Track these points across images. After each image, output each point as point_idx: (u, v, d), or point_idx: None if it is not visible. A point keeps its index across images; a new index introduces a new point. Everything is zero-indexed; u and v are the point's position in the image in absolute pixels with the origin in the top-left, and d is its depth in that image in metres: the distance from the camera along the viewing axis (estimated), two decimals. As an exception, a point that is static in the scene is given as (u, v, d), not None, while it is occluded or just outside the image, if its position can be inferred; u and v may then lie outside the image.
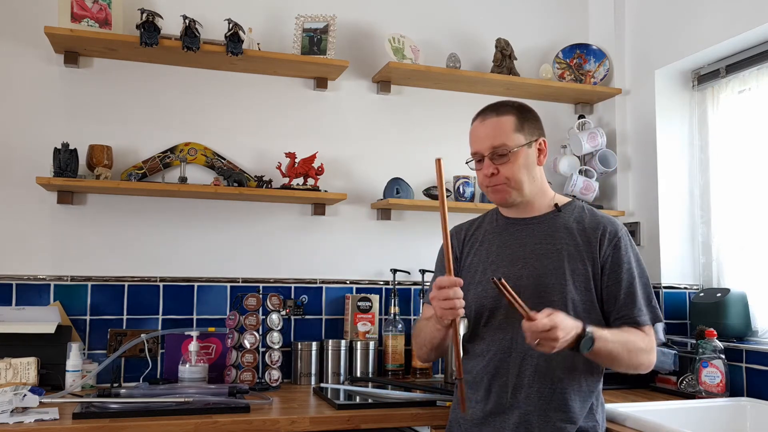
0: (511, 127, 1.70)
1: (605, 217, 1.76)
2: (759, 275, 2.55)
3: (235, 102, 2.72)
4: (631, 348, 1.63)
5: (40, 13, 2.49)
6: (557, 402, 1.64)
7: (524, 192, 1.72)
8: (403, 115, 2.93)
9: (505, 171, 1.70)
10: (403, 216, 2.89)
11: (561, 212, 1.76)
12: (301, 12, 2.72)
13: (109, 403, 1.95)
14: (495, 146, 1.69)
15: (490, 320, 1.72)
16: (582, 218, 1.75)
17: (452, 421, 1.80)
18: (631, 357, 1.63)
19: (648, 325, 1.68)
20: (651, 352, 1.68)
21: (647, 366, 1.69)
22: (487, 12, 3.09)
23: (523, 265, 1.70)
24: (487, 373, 1.70)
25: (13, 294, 2.42)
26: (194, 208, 2.64)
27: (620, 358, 1.62)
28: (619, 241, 1.70)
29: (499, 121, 1.71)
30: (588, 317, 1.65)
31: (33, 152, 2.46)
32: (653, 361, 1.69)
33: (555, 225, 1.73)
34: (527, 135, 1.72)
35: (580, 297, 1.67)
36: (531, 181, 1.73)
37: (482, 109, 1.78)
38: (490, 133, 1.71)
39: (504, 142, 1.69)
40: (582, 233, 1.71)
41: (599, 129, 3.01)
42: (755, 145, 2.60)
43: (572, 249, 1.69)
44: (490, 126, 1.72)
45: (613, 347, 1.59)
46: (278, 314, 2.51)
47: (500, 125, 1.71)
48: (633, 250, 1.73)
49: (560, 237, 1.71)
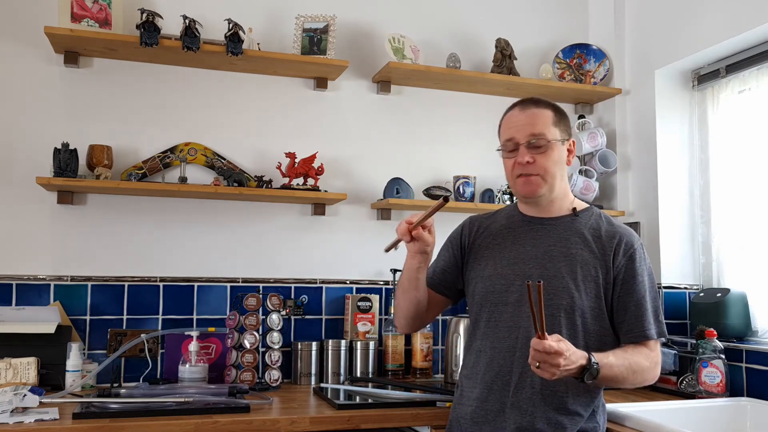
0: (550, 119, 1.71)
1: (622, 227, 1.75)
2: (759, 275, 2.55)
3: (235, 102, 2.72)
4: (636, 369, 1.62)
5: (40, 13, 2.49)
6: (559, 403, 1.63)
7: (554, 188, 1.72)
8: (403, 115, 2.93)
9: (541, 161, 1.68)
10: (403, 216, 2.88)
11: (578, 217, 1.75)
12: (301, 12, 2.72)
13: (109, 403, 1.95)
14: (534, 134, 1.68)
15: (494, 316, 1.71)
16: (599, 226, 1.73)
17: (452, 421, 1.79)
18: (635, 378, 1.64)
19: (654, 340, 1.68)
20: (656, 367, 1.68)
21: (651, 381, 1.69)
22: (487, 12, 3.09)
23: (534, 265, 1.69)
24: (489, 371, 1.68)
25: (13, 294, 2.42)
26: (194, 208, 2.64)
27: (625, 380, 1.63)
28: (635, 252, 1.69)
29: (540, 112, 1.71)
30: (592, 324, 1.65)
31: (33, 152, 2.46)
32: (657, 375, 1.69)
33: (571, 229, 1.72)
34: (562, 132, 1.73)
35: (590, 304, 1.66)
36: (561, 178, 1.73)
37: (518, 101, 1.78)
38: (529, 121, 1.70)
39: (543, 132, 1.69)
40: (597, 240, 1.70)
41: (599, 129, 3.01)
42: (755, 145, 2.60)
43: (586, 255, 1.68)
44: (531, 115, 1.71)
45: (618, 372, 1.59)
46: (278, 314, 2.51)
47: (541, 116, 1.71)
48: (646, 263, 1.72)
49: (575, 242, 1.70)
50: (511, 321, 1.68)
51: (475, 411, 1.70)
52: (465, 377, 1.77)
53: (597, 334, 1.66)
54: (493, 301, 1.72)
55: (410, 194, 2.78)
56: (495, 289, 1.72)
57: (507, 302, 1.69)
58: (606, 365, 1.55)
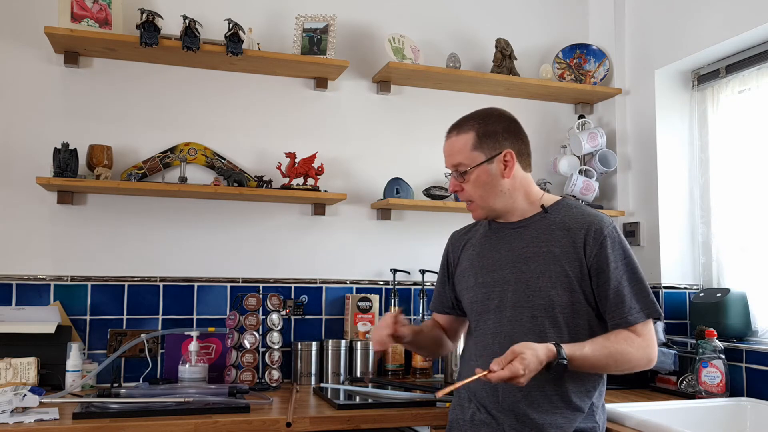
0: (468, 145, 1.70)
1: (590, 215, 1.71)
2: (759, 275, 2.55)
3: (235, 102, 2.72)
4: (618, 358, 1.60)
5: (40, 13, 2.49)
6: (553, 403, 1.63)
7: (494, 207, 1.73)
8: (403, 115, 2.93)
9: (468, 188, 1.72)
10: (403, 216, 2.89)
11: (548, 213, 1.74)
12: (301, 12, 2.72)
13: (109, 403, 1.95)
14: (454, 164, 1.73)
15: (480, 325, 1.74)
16: (568, 218, 1.71)
17: (452, 422, 1.80)
18: (619, 364, 1.61)
19: (641, 323, 1.64)
20: (646, 349, 1.64)
21: (645, 364, 1.65)
22: (487, 12, 3.09)
23: (511, 270, 1.70)
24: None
25: (13, 294, 2.42)
26: (194, 208, 2.64)
27: (607, 367, 1.61)
28: (605, 239, 1.66)
29: (457, 140, 1.72)
30: (575, 319, 1.65)
31: (33, 152, 2.46)
32: (653, 357, 1.65)
33: (542, 227, 1.72)
34: (488, 151, 1.70)
35: (567, 299, 1.65)
36: (497, 195, 1.71)
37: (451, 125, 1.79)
38: (449, 151, 1.74)
39: (461, 161, 1.71)
40: (567, 234, 1.68)
41: (599, 129, 3.01)
42: (755, 144, 2.60)
43: (558, 250, 1.67)
44: (450, 144, 1.74)
45: (596, 361, 1.58)
46: (278, 314, 2.51)
47: (458, 143, 1.72)
48: (621, 246, 1.68)
49: (546, 239, 1.70)
50: (494, 327, 1.69)
51: (474, 414, 1.71)
52: None
53: (582, 326, 1.66)
54: (477, 310, 1.74)
55: (410, 194, 2.78)
56: (478, 299, 1.74)
57: (489, 309, 1.71)
58: (579, 357, 1.55)
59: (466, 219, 1.92)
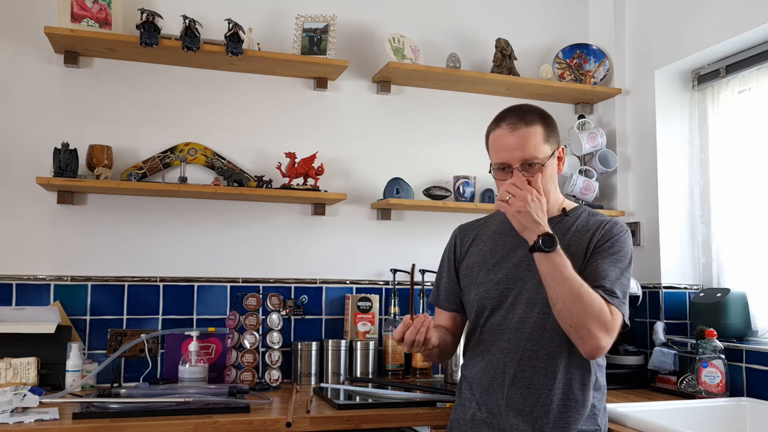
0: (541, 137, 1.67)
1: (608, 218, 1.76)
2: (759, 275, 2.55)
3: (235, 102, 2.72)
4: (585, 300, 1.52)
5: (40, 13, 2.49)
6: (556, 402, 1.63)
7: (549, 202, 1.71)
8: (403, 115, 2.93)
9: (535, 182, 1.66)
10: (403, 216, 2.89)
11: (568, 216, 1.76)
12: (301, 12, 2.72)
13: (109, 403, 1.95)
14: (526, 158, 1.66)
15: (489, 321, 1.73)
16: (586, 221, 1.75)
17: (453, 422, 1.80)
18: (578, 305, 1.52)
19: (614, 306, 1.58)
20: (607, 325, 1.55)
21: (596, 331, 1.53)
22: (487, 12, 3.09)
23: (525, 268, 1.70)
24: (486, 375, 1.70)
25: (13, 294, 2.42)
26: (194, 208, 2.64)
27: (568, 297, 1.53)
28: (611, 230, 1.69)
29: (529, 132, 1.66)
30: None
31: (33, 152, 2.46)
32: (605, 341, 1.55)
33: (561, 228, 1.73)
34: (552, 144, 1.71)
35: None
36: (555, 189, 1.74)
37: (505, 114, 1.72)
38: (520, 145, 1.66)
39: (535, 155, 1.66)
40: (584, 235, 1.71)
41: (599, 129, 3.01)
42: (755, 145, 2.60)
43: (573, 249, 1.68)
44: (521, 137, 1.66)
45: (568, 276, 1.53)
46: (278, 314, 2.51)
47: (531, 136, 1.66)
48: (627, 246, 1.69)
49: (566, 240, 1.70)
50: (504, 324, 1.69)
51: (474, 414, 1.71)
52: (464, 380, 1.79)
53: None
54: (489, 306, 1.73)
55: (410, 194, 2.78)
56: (490, 295, 1.73)
57: (501, 306, 1.71)
58: (561, 261, 1.55)
59: (466, 219, 1.92)
